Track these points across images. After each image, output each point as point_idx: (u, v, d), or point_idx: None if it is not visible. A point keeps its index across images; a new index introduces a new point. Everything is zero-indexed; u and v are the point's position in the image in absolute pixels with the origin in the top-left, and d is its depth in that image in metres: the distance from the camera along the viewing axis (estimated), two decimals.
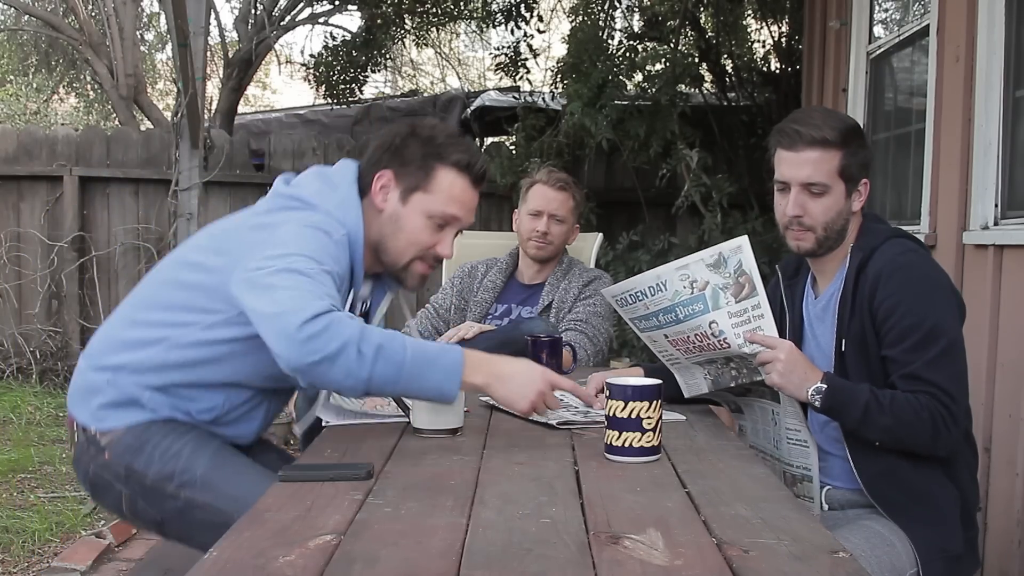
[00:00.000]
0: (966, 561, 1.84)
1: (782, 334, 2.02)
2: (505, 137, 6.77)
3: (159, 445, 1.77)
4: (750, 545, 1.15)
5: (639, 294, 1.79)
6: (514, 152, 5.96)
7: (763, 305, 1.70)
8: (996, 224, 2.92)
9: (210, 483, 1.74)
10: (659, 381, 1.59)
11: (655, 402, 1.54)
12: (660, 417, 1.56)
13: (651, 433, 1.55)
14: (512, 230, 3.17)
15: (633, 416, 1.53)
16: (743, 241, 1.69)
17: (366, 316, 1.98)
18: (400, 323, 2.32)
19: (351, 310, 1.83)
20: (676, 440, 1.72)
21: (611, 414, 1.55)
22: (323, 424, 1.86)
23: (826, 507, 1.90)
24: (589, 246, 3.39)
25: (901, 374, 1.75)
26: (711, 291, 1.71)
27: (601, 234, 3.53)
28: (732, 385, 1.83)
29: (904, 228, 2.00)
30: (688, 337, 1.79)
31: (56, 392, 5.95)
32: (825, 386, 1.70)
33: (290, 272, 1.60)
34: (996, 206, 2.92)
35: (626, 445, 1.54)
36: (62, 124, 11.83)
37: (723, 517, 1.26)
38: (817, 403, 1.72)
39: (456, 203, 1.83)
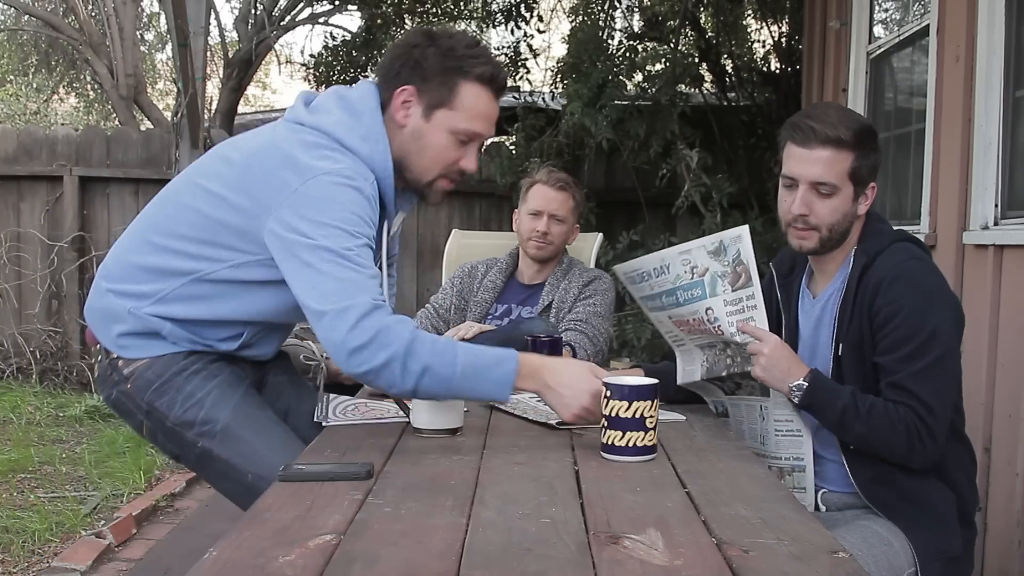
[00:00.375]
0: (963, 562, 1.84)
1: (778, 334, 2.02)
2: (505, 137, 6.77)
3: (183, 390, 1.80)
4: (750, 545, 1.15)
5: (645, 274, 1.82)
6: (514, 152, 5.96)
7: (757, 296, 1.72)
8: (996, 224, 2.92)
9: (229, 439, 1.78)
10: (657, 380, 1.60)
11: (655, 401, 1.55)
12: (658, 416, 1.57)
13: (652, 432, 1.56)
14: (512, 230, 3.17)
15: (636, 416, 1.54)
16: (743, 231, 1.70)
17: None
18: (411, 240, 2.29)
19: (384, 235, 1.85)
20: (676, 440, 1.72)
21: (613, 414, 1.55)
22: (323, 424, 1.86)
23: (823, 508, 1.89)
24: (589, 246, 3.39)
25: (888, 382, 1.75)
26: (710, 277, 1.73)
27: (601, 234, 3.53)
28: (724, 374, 1.84)
29: (904, 228, 2.00)
30: (688, 321, 1.82)
31: (56, 392, 5.96)
32: (806, 384, 1.72)
33: (332, 256, 1.60)
34: (996, 206, 2.92)
35: (629, 445, 1.54)
36: (62, 124, 11.84)
37: (723, 517, 1.26)
38: (796, 400, 1.74)
39: (480, 119, 1.79)
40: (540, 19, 6.74)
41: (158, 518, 3.78)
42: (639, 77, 5.73)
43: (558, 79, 5.98)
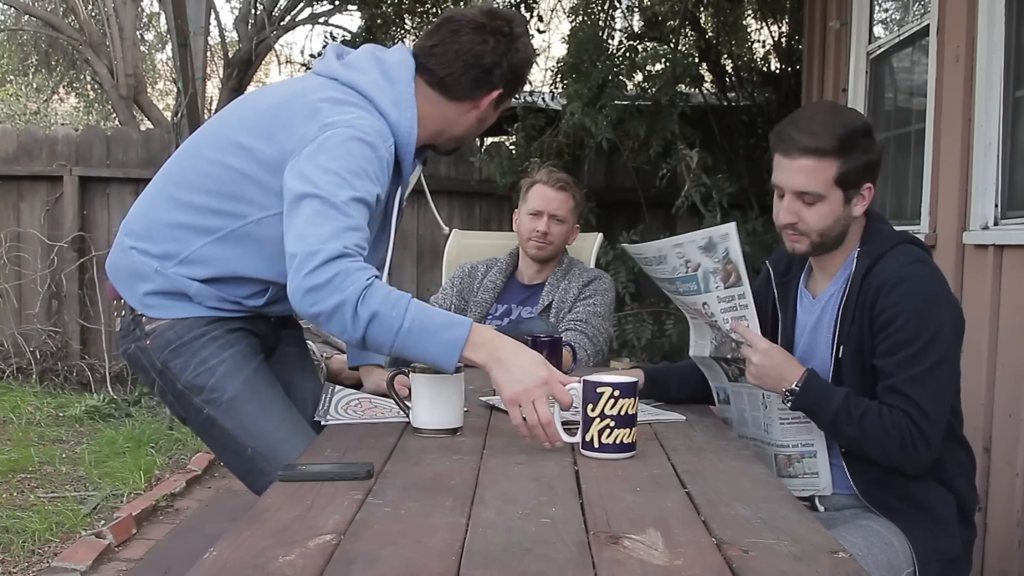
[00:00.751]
0: (962, 563, 1.84)
1: (775, 335, 2.00)
2: (505, 137, 6.77)
3: (198, 354, 1.82)
4: (750, 545, 1.15)
5: (647, 260, 1.83)
6: (514, 152, 5.96)
7: (748, 296, 1.71)
8: (996, 224, 2.92)
9: (234, 410, 1.82)
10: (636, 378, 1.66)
11: (637, 398, 1.59)
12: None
13: (635, 429, 1.58)
14: (512, 230, 3.17)
15: (621, 413, 1.55)
16: (731, 228, 1.67)
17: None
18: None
19: (394, 199, 1.89)
20: (676, 440, 1.72)
21: (623, 412, 1.55)
22: (323, 423, 1.86)
23: (822, 508, 1.89)
24: (589, 246, 3.39)
25: (884, 385, 1.74)
26: (703, 273, 1.73)
27: (601, 234, 3.53)
28: (729, 357, 1.84)
29: (904, 228, 1.99)
30: (690, 308, 1.83)
31: (56, 392, 5.96)
32: (799, 388, 1.72)
33: (320, 204, 1.63)
34: (996, 206, 2.92)
35: (633, 440, 1.57)
36: (62, 124, 11.84)
37: (723, 517, 1.26)
38: (789, 404, 1.75)
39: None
40: (540, 19, 6.73)
41: (158, 518, 3.79)
42: (639, 77, 5.73)
43: (558, 79, 5.98)
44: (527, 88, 6.53)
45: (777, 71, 6.46)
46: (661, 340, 5.11)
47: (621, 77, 5.48)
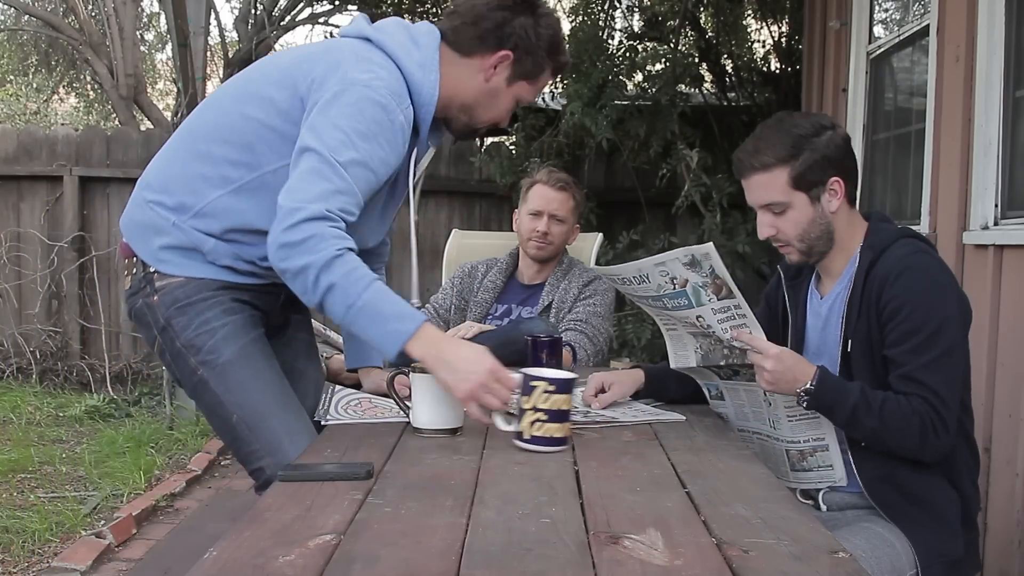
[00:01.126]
0: (965, 565, 1.84)
1: (785, 335, 2.01)
2: (505, 137, 6.77)
3: (202, 315, 1.83)
4: (750, 545, 1.15)
5: (625, 280, 1.80)
6: (514, 152, 5.96)
7: (743, 306, 1.69)
8: (996, 224, 2.92)
9: (225, 376, 1.83)
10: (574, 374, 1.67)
11: (572, 394, 1.62)
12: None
13: (568, 425, 1.61)
14: (512, 230, 3.17)
15: (554, 408, 1.58)
16: (710, 248, 1.66)
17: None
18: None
19: (411, 165, 1.91)
20: (676, 440, 1.72)
21: (556, 408, 1.58)
22: (323, 423, 1.86)
23: (824, 508, 1.89)
24: (589, 246, 3.39)
25: (898, 374, 1.75)
26: (692, 288, 1.71)
27: (601, 234, 3.53)
28: (722, 363, 1.82)
29: (914, 230, 1.99)
30: (680, 320, 1.81)
31: (56, 392, 5.96)
32: (814, 387, 1.70)
33: (319, 160, 1.67)
34: (996, 206, 2.92)
35: (565, 435, 1.60)
36: (62, 124, 11.84)
37: (723, 517, 1.26)
38: (804, 404, 1.72)
39: (537, 93, 1.98)
40: None
41: (158, 518, 3.79)
42: (639, 77, 5.73)
43: (558, 79, 5.98)
44: None
45: (777, 71, 6.46)
46: (661, 340, 5.07)
47: (621, 77, 5.48)
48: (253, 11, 7.97)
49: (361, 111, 1.71)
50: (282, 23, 8.03)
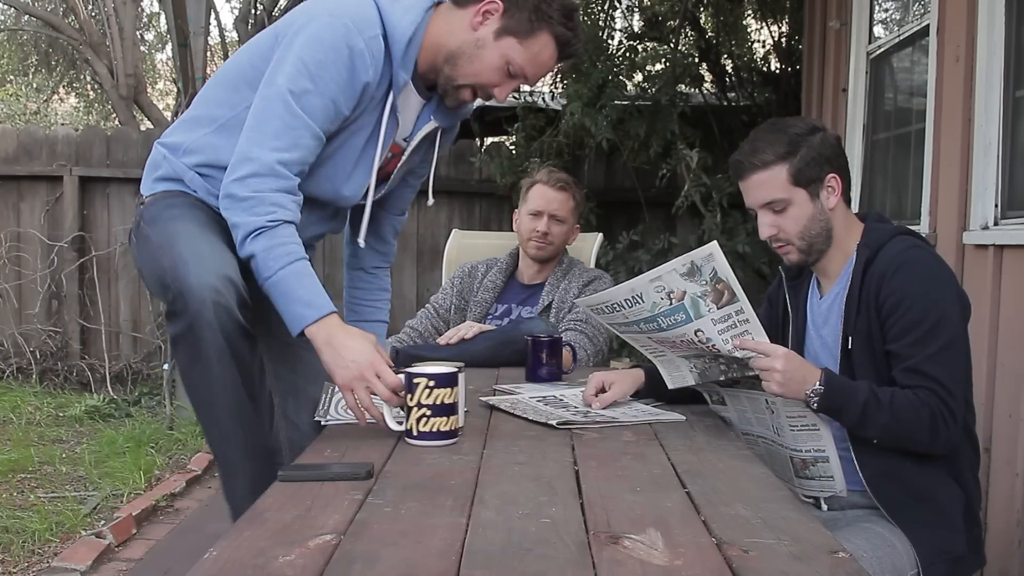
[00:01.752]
0: (968, 561, 1.84)
1: (785, 336, 2.02)
2: (505, 137, 6.77)
3: (172, 206, 1.86)
4: (750, 545, 1.15)
5: (615, 306, 1.76)
6: (514, 152, 5.95)
7: (747, 310, 1.67)
8: (996, 224, 2.92)
9: (166, 228, 1.79)
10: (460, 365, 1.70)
11: (457, 388, 1.65)
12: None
13: (456, 417, 1.65)
14: (512, 230, 3.17)
15: (455, 400, 1.63)
16: (713, 248, 1.65)
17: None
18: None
19: (387, 110, 1.85)
20: (676, 440, 1.72)
21: (438, 402, 1.61)
22: (323, 423, 1.86)
23: (825, 508, 1.89)
24: (589, 246, 3.39)
25: (902, 368, 1.75)
26: (690, 300, 1.67)
27: (601, 234, 3.53)
28: (721, 379, 1.82)
29: (911, 228, 2.00)
30: (675, 341, 1.77)
31: (56, 392, 5.96)
32: (823, 388, 1.70)
33: (275, 94, 1.72)
34: (996, 206, 2.92)
35: (452, 428, 1.63)
36: (62, 124, 11.84)
37: (723, 517, 1.26)
38: (815, 405, 1.71)
39: (537, 66, 1.86)
40: None
41: (158, 518, 3.78)
42: (639, 77, 5.73)
43: (558, 79, 5.98)
44: (527, 88, 6.55)
45: (777, 71, 6.45)
46: None
47: (621, 77, 5.47)
48: (253, 11, 7.97)
49: (320, 39, 1.73)
50: None
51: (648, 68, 5.59)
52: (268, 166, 1.70)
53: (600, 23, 6.00)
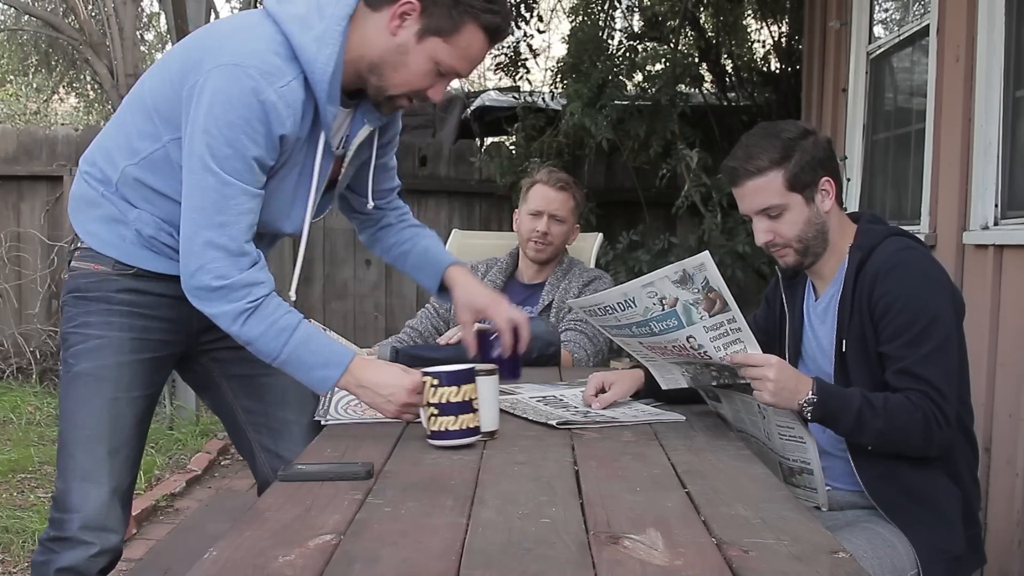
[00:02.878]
0: (968, 560, 1.84)
1: (782, 335, 2.02)
2: (505, 137, 6.77)
3: (88, 315, 1.82)
4: (750, 545, 1.15)
5: (608, 308, 1.76)
6: (514, 152, 5.96)
7: (739, 319, 1.65)
8: (996, 224, 2.92)
9: (71, 385, 1.81)
10: (472, 365, 1.68)
11: (475, 384, 1.64)
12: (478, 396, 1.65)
13: (477, 413, 1.64)
14: (512, 230, 3.17)
15: (465, 399, 1.61)
16: (705, 258, 1.62)
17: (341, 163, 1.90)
18: None
19: (320, 147, 1.76)
20: (676, 440, 1.72)
21: (445, 400, 1.60)
22: (323, 423, 1.86)
23: (824, 508, 1.89)
24: (589, 246, 3.39)
25: (894, 370, 1.75)
26: (682, 307, 1.66)
27: (601, 234, 3.53)
28: (713, 384, 1.82)
29: (904, 228, 2.00)
30: (666, 347, 1.76)
31: (56, 392, 5.95)
32: (816, 397, 1.68)
33: (205, 171, 1.62)
34: (996, 206, 2.92)
35: (463, 428, 1.61)
36: (62, 124, 11.83)
37: (723, 517, 1.26)
38: (808, 415, 1.69)
39: (468, 61, 1.73)
40: (540, 19, 6.73)
41: (158, 518, 3.78)
42: (639, 77, 5.73)
43: (558, 79, 5.98)
44: (527, 88, 6.55)
45: (777, 71, 6.46)
46: None
47: (621, 77, 5.47)
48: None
49: (227, 97, 1.61)
50: None
51: (648, 68, 5.59)
52: (224, 247, 1.64)
53: (600, 23, 6.00)
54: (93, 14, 8.68)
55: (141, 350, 1.83)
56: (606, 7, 6.10)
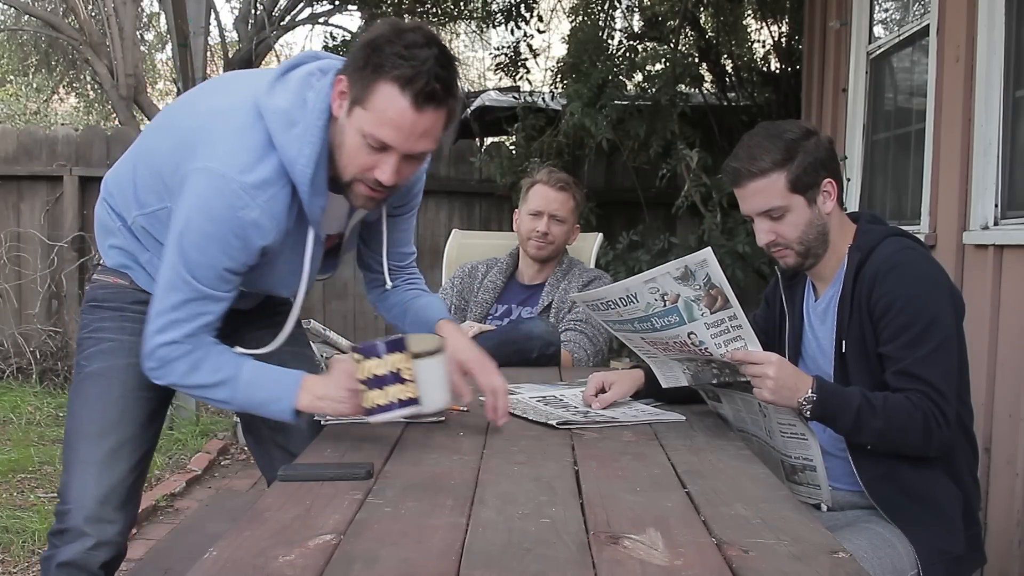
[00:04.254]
0: (969, 560, 1.84)
1: (782, 336, 2.02)
2: (505, 137, 6.77)
3: (102, 321, 1.88)
4: (750, 545, 1.15)
5: (611, 303, 1.76)
6: (514, 152, 5.96)
7: (739, 316, 1.66)
8: (996, 224, 2.92)
9: (81, 386, 1.87)
10: (402, 335, 1.62)
11: (406, 352, 1.57)
12: (411, 367, 1.58)
13: (412, 384, 1.58)
14: (512, 230, 3.17)
15: (392, 370, 1.56)
16: (707, 254, 1.63)
17: (340, 241, 1.89)
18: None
19: (309, 239, 1.71)
20: (676, 440, 1.72)
21: (370, 375, 1.56)
22: (323, 423, 1.86)
23: (824, 508, 1.89)
24: (589, 246, 3.39)
25: (894, 370, 1.75)
26: (683, 304, 1.66)
27: (601, 234, 3.53)
28: (713, 382, 1.82)
29: (904, 228, 2.00)
30: (668, 342, 1.76)
31: (56, 392, 5.95)
32: (816, 395, 1.68)
33: (173, 271, 1.63)
34: (996, 206, 2.92)
35: (393, 401, 1.57)
36: (62, 124, 11.83)
37: (723, 517, 1.26)
38: (808, 413, 1.70)
39: (390, 127, 1.55)
40: (540, 19, 6.74)
41: (158, 518, 3.78)
42: (639, 77, 5.73)
43: (558, 79, 5.98)
44: (527, 88, 6.55)
45: (777, 71, 6.46)
46: None
47: (621, 77, 5.47)
48: (253, 11, 7.97)
49: (208, 208, 1.58)
50: (282, 23, 8.03)
51: (648, 68, 5.59)
52: (172, 342, 1.66)
53: (600, 23, 6.00)
54: (93, 14, 8.68)
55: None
56: (606, 7, 6.10)
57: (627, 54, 5.71)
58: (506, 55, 6.55)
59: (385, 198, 1.70)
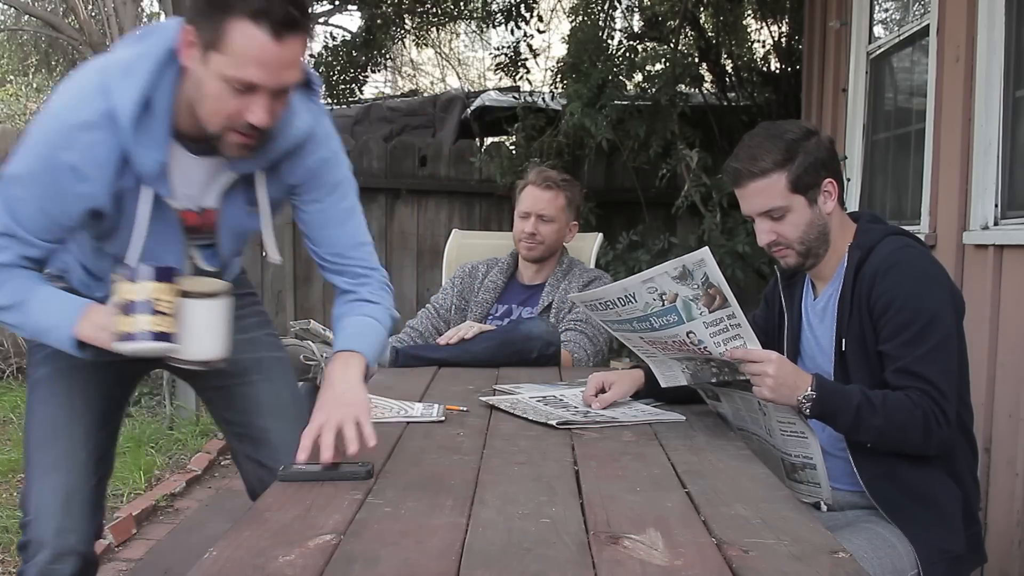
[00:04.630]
0: (968, 560, 1.84)
1: (781, 334, 2.02)
2: (505, 137, 6.76)
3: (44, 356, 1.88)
4: (750, 545, 1.15)
5: (609, 303, 1.76)
6: (514, 152, 5.96)
7: (738, 315, 1.66)
8: (996, 224, 2.92)
9: (33, 391, 1.92)
10: (174, 266, 1.57)
11: (167, 284, 1.50)
12: (174, 304, 1.51)
13: (167, 319, 1.49)
14: (512, 230, 3.18)
15: (147, 298, 1.48)
16: (705, 254, 1.63)
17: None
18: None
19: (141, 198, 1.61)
20: (676, 440, 1.72)
21: (124, 301, 1.49)
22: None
23: (824, 508, 1.89)
24: (589, 246, 3.40)
25: (894, 369, 1.75)
26: (682, 303, 1.67)
27: (601, 234, 3.53)
28: (713, 381, 1.82)
29: (904, 228, 2.00)
30: (667, 342, 1.76)
31: None
32: (815, 393, 1.68)
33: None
34: (996, 206, 2.92)
35: (141, 331, 1.48)
36: None
37: (723, 517, 1.26)
38: (807, 411, 1.70)
39: (253, 65, 1.46)
40: (540, 19, 6.73)
41: (158, 518, 3.78)
42: (639, 77, 5.73)
43: (558, 79, 5.98)
44: (527, 88, 6.55)
45: (777, 71, 6.46)
46: None
47: (621, 77, 5.47)
48: None
49: (38, 148, 1.55)
50: None
51: (648, 68, 5.59)
52: None
53: (600, 23, 6.00)
54: (93, 14, 8.68)
55: (99, 354, 1.70)
56: (606, 7, 6.10)
57: (627, 54, 5.71)
58: (506, 55, 6.55)
59: (260, 143, 1.59)
